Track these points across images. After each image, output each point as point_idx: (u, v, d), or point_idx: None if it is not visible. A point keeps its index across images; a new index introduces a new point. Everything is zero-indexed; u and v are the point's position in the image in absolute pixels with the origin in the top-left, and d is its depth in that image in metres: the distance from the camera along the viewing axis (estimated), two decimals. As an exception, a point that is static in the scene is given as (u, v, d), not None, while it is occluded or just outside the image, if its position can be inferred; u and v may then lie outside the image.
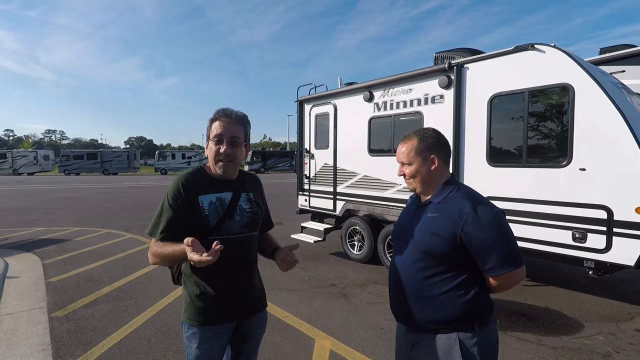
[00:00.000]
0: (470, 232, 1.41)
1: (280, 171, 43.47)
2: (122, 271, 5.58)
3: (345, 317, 4.05)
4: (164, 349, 3.33)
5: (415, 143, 1.57)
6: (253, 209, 1.76)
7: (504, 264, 1.41)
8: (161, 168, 42.26)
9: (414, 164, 1.57)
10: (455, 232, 1.43)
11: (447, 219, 1.46)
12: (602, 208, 3.65)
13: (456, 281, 1.47)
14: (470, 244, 1.42)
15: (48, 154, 45.40)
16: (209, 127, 1.67)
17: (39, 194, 18.41)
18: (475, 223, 1.41)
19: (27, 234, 8.50)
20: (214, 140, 1.63)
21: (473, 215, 1.41)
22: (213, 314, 1.65)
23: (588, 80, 3.74)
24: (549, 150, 4.12)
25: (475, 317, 1.47)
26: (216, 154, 1.63)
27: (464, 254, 1.45)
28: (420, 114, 5.27)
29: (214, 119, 1.67)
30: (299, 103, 7.39)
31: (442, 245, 1.45)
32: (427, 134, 1.60)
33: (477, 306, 1.48)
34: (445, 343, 1.47)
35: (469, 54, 4.95)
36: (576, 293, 4.70)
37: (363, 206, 6.13)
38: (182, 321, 1.69)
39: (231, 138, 1.63)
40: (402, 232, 1.63)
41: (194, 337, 1.64)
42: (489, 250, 1.41)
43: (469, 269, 1.48)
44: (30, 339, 3.50)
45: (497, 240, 1.42)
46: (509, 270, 1.41)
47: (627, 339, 3.52)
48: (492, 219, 1.42)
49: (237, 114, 1.70)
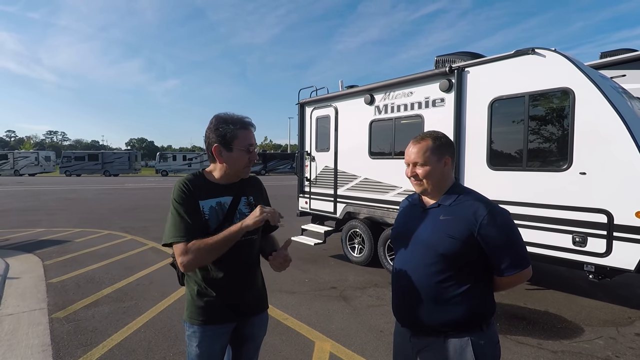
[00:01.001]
0: (487, 234, 1.44)
1: (280, 173, 43.45)
2: (122, 272, 5.59)
3: (345, 319, 4.05)
4: (164, 350, 3.33)
5: (430, 143, 1.55)
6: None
7: (517, 264, 1.47)
8: (162, 170, 42.26)
9: (429, 165, 1.54)
10: (471, 234, 1.45)
11: (462, 221, 1.47)
12: (602, 212, 3.66)
13: (469, 283, 1.49)
14: (486, 245, 1.45)
15: (49, 155, 45.49)
16: (236, 134, 1.65)
17: (40, 195, 18.44)
18: (491, 225, 1.44)
19: (28, 235, 8.52)
20: (247, 148, 1.67)
21: (489, 217, 1.44)
22: (213, 313, 1.67)
23: (588, 85, 3.75)
24: (549, 154, 4.13)
25: (483, 318, 1.51)
26: (247, 161, 1.69)
27: (478, 255, 1.48)
28: (421, 117, 5.28)
29: (242, 126, 1.67)
30: (300, 105, 7.41)
31: (458, 247, 1.46)
32: (439, 134, 1.60)
33: (485, 307, 1.52)
34: (457, 346, 1.47)
35: (470, 57, 4.97)
36: (576, 297, 4.70)
37: (363, 209, 6.13)
38: (184, 320, 1.71)
39: (255, 145, 1.72)
40: (409, 236, 1.60)
41: (194, 336, 1.66)
42: (504, 251, 1.46)
43: (481, 270, 1.51)
44: (30, 340, 3.51)
45: (512, 241, 1.48)
46: (521, 270, 1.47)
47: (628, 343, 3.52)
48: (506, 221, 1.48)
49: (252, 121, 1.74)
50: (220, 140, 1.65)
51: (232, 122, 1.66)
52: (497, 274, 1.50)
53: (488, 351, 1.49)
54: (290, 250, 1.80)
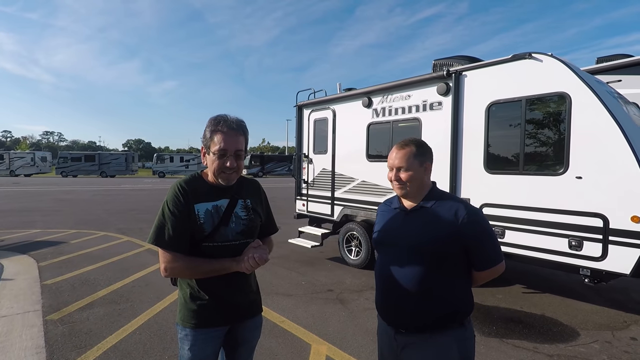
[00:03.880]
0: (468, 232, 1.54)
1: (278, 175, 43.41)
2: (118, 274, 5.55)
3: (342, 322, 4.04)
4: (159, 352, 3.31)
5: (414, 149, 1.64)
6: (249, 216, 1.73)
7: (494, 259, 1.60)
8: (159, 171, 42.14)
9: (412, 170, 1.63)
10: (453, 233, 1.54)
11: (444, 221, 1.56)
12: (598, 216, 3.67)
13: (451, 281, 1.59)
14: (467, 242, 1.56)
15: (46, 156, 45.24)
16: (209, 137, 1.59)
17: (35, 196, 18.33)
18: (472, 223, 1.55)
19: (23, 236, 8.46)
20: (218, 154, 1.57)
21: (468, 217, 1.55)
22: (206, 316, 1.65)
23: (585, 90, 3.77)
24: (545, 158, 4.15)
25: (464, 314, 1.60)
26: (220, 167, 1.59)
27: (459, 253, 1.58)
28: (418, 121, 5.30)
29: (215, 130, 1.58)
30: (298, 108, 7.42)
31: (441, 246, 1.55)
32: (421, 142, 1.70)
33: (466, 303, 1.62)
34: (441, 341, 1.55)
35: (467, 61, 5.00)
36: (572, 301, 4.71)
37: (361, 211, 6.13)
38: (177, 322, 1.71)
39: (236, 152, 1.60)
40: (393, 238, 1.68)
41: (186, 339, 1.65)
42: (483, 247, 1.59)
43: (462, 268, 1.61)
44: (24, 342, 3.48)
45: (489, 238, 1.61)
46: (497, 264, 1.61)
47: (623, 347, 3.53)
48: (483, 220, 1.61)
49: (237, 122, 1.62)
50: (203, 141, 1.64)
51: (214, 124, 1.59)
52: (477, 269, 1.62)
53: (470, 345, 1.60)
54: (287, 253, 1.79)
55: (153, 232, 1.60)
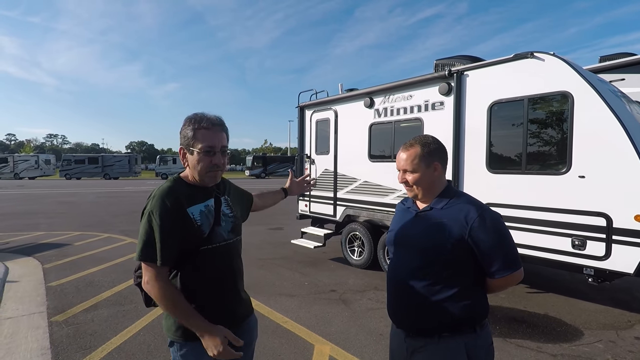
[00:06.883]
0: (478, 236, 1.45)
1: (281, 176, 43.44)
2: (122, 276, 5.58)
3: (345, 322, 4.04)
4: (163, 353, 3.32)
5: (419, 150, 1.57)
6: (234, 212, 1.72)
7: (508, 266, 1.47)
8: (162, 172, 42.29)
9: (418, 172, 1.57)
10: (462, 236, 1.46)
11: (453, 224, 1.48)
12: (601, 215, 3.66)
13: (461, 285, 1.50)
14: (477, 247, 1.46)
15: (49, 159, 45.52)
16: (191, 136, 1.53)
17: (39, 198, 18.44)
18: (482, 227, 1.45)
19: (28, 238, 8.51)
20: (205, 151, 1.53)
21: (479, 220, 1.46)
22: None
23: (587, 89, 3.76)
24: (548, 157, 4.14)
25: (476, 320, 1.51)
26: (208, 165, 1.54)
27: (469, 257, 1.49)
28: (420, 121, 5.30)
29: (198, 127, 1.53)
30: (300, 109, 7.43)
31: (449, 250, 1.47)
32: (428, 140, 1.61)
33: (478, 308, 1.53)
34: (450, 346, 1.49)
35: (469, 61, 4.99)
36: (576, 300, 4.70)
37: (363, 212, 6.14)
38: (172, 341, 1.56)
39: (222, 148, 1.57)
40: (403, 239, 1.63)
41: (191, 354, 1.53)
42: (495, 253, 1.46)
43: (472, 272, 1.52)
44: (29, 344, 3.50)
45: (502, 243, 1.47)
46: (512, 272, 1.47)
47: (627, 346, 3.51)
48: (496, 224, 1.48)
49: (218, 118, 1.60)
50: (183, 141, 1.56)
51: (194, 122, 1.55)
52: (489, 276, 1.51)
53: (481, 353, 1.50)
54: (289, 253, 1.78)
55: (140, 247, 1.48)
